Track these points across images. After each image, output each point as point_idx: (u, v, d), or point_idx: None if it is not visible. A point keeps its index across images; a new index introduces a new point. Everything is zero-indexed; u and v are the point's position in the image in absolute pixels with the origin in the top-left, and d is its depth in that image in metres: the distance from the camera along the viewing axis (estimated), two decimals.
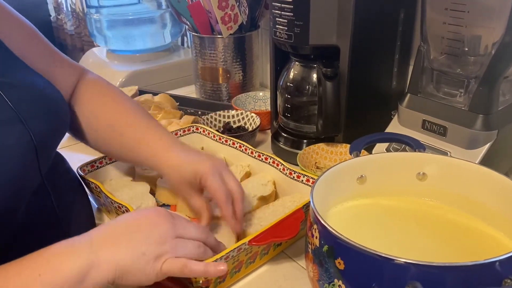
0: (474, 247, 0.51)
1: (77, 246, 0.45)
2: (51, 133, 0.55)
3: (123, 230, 0.48)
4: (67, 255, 0.44)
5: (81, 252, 0.45)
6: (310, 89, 0.86)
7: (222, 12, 1.08)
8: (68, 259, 0.44)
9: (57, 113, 0.57)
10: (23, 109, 0.50)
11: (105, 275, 0.45)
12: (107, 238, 0.47)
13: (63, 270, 0.43)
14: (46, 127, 0.53)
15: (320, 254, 0.45)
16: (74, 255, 0.44)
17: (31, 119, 0.50)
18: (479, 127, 0.69)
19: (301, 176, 0.71)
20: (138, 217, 0.51)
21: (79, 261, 0.44)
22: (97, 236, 0.47)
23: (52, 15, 2.96)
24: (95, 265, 0.44)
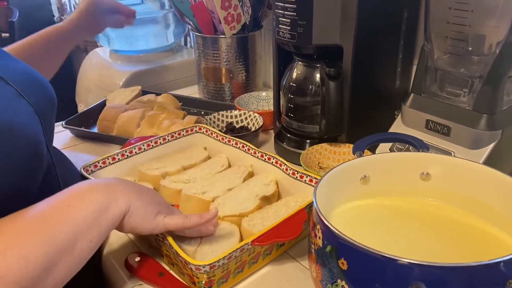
0: (478, 247, 0.51)
1: (98, 185, 0.53)
2: (46, 108, 0.61)
3: (132, 187, 0.56)
4: (91, 192, 0.51)
5: (102, 190, 0.52)
6: (313, 89, 0.86)
7: (225, 12, 1.08)
8: (92, 194, 0.51)
9: (46, 89, 0.64)
10: (22, 88, 0.56)
11: (122, 209, 0.52)
12: (119, 185, 0.55)
13: (89, 202, 0.50)
14: (42, 102, 0.59)
15: (323, 254, 0.44)
16: (97, 192, 0.51)
17: (30, 96, 0.57)
18: (483, 127, 0.69)
19: (304, 176, 0.70)
20: (143, 188, 0.59)
21: (102, 195, 0.51)
22: (113, 183, 0.55)
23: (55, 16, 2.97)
24: (114, 200, 0.52)
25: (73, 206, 0.48)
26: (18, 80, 0.57)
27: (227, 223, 0.66)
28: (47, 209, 0.47)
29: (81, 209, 0.48)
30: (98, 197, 0.51)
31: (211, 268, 0.53)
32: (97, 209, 0.50)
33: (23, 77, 0.60)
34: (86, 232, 0.48)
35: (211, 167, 0.80)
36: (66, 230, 0.46)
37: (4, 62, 0.60)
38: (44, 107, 0.59)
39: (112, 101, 1.15)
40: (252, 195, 0.70)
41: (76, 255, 0.47)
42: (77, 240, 0.47)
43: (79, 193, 0.51)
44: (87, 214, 0.48)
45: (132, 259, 0.62)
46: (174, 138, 0.86)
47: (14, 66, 0.61)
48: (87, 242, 0.48)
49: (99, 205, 0.50)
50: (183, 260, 0.54)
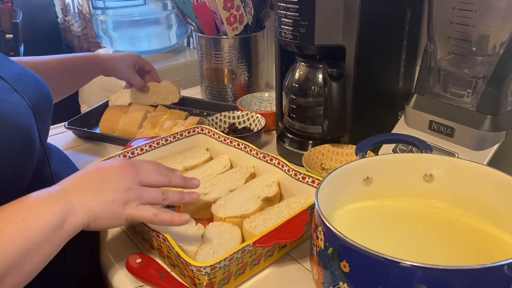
0: (481, 249, 0.50)
1: (54, 194, 0.50)
2: (40, 103, 0.61)
3: (92, 181, 0.54)
4: (47, 203, 0.49)
5: (58, 200, 0.49)
6: (315, 89, 0.86)
7: (227, 12, 1.08)
8: (48, 205, 0.48)
9: (40, 85, 0.64)
10: (16, 83, 0.57)
11: (80, 220, 0.50)
12: (78, 188, 0.52)
13: (45, 215, 0.47)
14: (36, 96, 0.60)
15: (325, 256, 0.44)
16: (53, 202, 0.49)
17: (24, 91, 0.57)
18: (487, 128, 0.68)
19: (306, 177, 0.70)
20: (104, 168, 0.56)
21: (58, 207, 0.49)
22: (69, 186, 0.52)
23: (59, 17, 2.98)
24: (71, 211, 0.49)
25: (27, 220, 0.46)
26: (13, 76, 0.59)
27: (228, 224, 0.65)
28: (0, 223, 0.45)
29: (35, 224, 0.46)
30: (56, 209, 0.48)
31: (212, 269, 0.52)
32: (52, 223, 0.48)
33: (18, 74, 0.61)
34: (40, 247, 0.46)
35: (213, 168, 0.80)
36: (19, 244, 0.45)
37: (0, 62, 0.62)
38: (38, 103, 0.60)
39: (115, 102, 1.15)
40: (254, 196, 0.70)
41: (27, 269, 0.46)
42: (29, 255, 0.46)
43: (35, 204, 0.48)
44: (41, 229, 0.47)
45: (133, 260, 0.61)
46: (176, 139, 0.86)
47: (10, 66, 0.63)
48: (38, 256, 0.47)
49: (55, 219, 0.48)
50: (184, 262, 0.53)
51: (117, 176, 0.55)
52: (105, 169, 0.56)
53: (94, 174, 0.55)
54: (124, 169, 0.56)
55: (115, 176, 0.55)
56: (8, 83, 0.57)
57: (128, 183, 0.55)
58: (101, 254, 0.68)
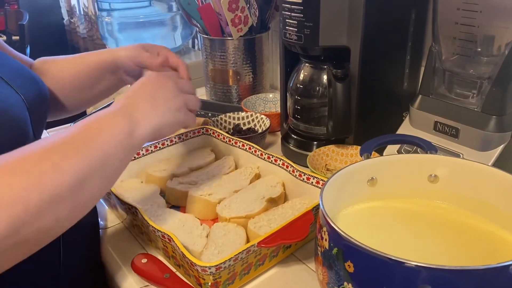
0: (486, 250, 0.50)
1: (116, 112, 0.55)
2: (36, 100, 0.62)
3: (143, 96, 0.59)
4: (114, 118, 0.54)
5: (122, 115, 0.54)
6: (320, 90, 0.86)
7: (232, 14, 1.08)
8: (116, 120, 0.53)
9: (37, 83, 0.65)
10: (10, 79, 0.58)
11: (147, 131, 0.56)
12: (135, 105, 0.57)
13: (116, 127, 0.53)
14: (31, 93, 0.61)
15: (329, 256, 0.44)
16: (119, 118, 0.54)
17: (18, 87, 0.59)
18: (492, 129, 0.68)
19: (311, 178, 0.70)
20: (149, 85, 0.61)
21: (124, 121, 0.54)
22: (126, 104, 0.57)
23: (65, 19, 3.00)
24: (137, 124, 0.55)
25: (102, 130, 0.51)
26: (8, 72, 0.59)
27: (233, 224, 0.65)
28: (77, 131, 0.50)
29: (108, 136, 0.51)
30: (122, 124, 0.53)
31: (217, 269, 0.53)
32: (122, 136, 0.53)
33: (14, 71, 0.61)
34: (115, 155, 0.51)
35: (218, 169, 0.80)
36: (100, 149, 0.49)
37: None
38: (33, 99, 0.61)
39: None
40: (259, 197, 0.70)
41: (107, 176, 0.51)
42: (107, 161, 0.50)
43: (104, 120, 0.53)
44: (114, 140, 0.51)
45: (138, 260, 0.62)
46: (181, 140, 0.86)
47: (7, 62, 0.63)
48: (115, 164, 0.52)
49: (125, 131, 0.53)
50: (189, 262, 0.54)
51: (163, 88, 0.62)
52: (148, 83, 0.61)
53: (143, 91, 0.60)
54: (164, 80, 0.63)
55: (161, 88, 0.61)
56: (3, 78, 0.57)
57: (173, 91, 0.62)
58: (106, 254, 0.68)
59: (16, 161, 0.44)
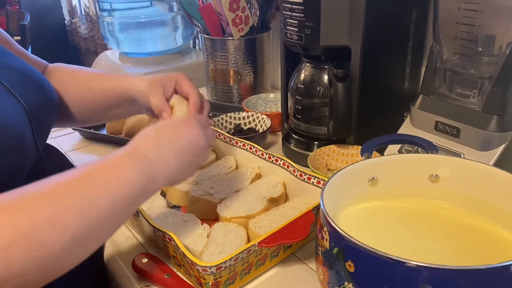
0: (487, 250, 0.50)
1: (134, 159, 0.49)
2: (41, 107, 0.59)
3: (171, 147, 0.53)
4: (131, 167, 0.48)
5: (140, 167, 0.48)
6: (321, 90, 0.86)
7: (233, 14, 1.08)
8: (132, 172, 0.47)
9: (43, 89, 0.62)
10: (14, 85, 0.56)
11: (161, 186, 0.52)
12: (160, 156, 0.51)
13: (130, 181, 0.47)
14: (36, 101, 0.58)
15: (330, 256, 0.44)
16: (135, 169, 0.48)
17: (22, 94, 0.56)
18: (493, 129, 0.68)
19: (312, 178, 0.70)
20: (182, 132, 0.55)
21: (141, 176, 0.48)
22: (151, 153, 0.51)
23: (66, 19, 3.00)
24: (154, 179, 0.50)
25: (113, 182, 0.45)
26: (12, 78, 0.57)
27: (234, 224, 0.65)
28: (82, 178, 0.44)
29: (120, 187, 0.46)
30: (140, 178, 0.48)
31: (218, 269, 0.53)
32: (136, 191, 0.47)
33: (19, 75, 0.59)
34: (122, 209, 0.46)
35: (219, 169, 0.80)
36: (104, 206, 0.43)
37: (2, 59, 0.60)
38: (38, 106, 0.58)
39: None
40: (260, 197, 0.70)
41: (108, 230, 0.45)
42: (113, 216, 0.45)
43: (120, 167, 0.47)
44: (126, 193, 0.46)
45: (139, 260, 0.62)
46: None
47: (12, 64, 0.60)
48: (121, 217, 0.47)
49: (139, 187, 0.47)
50: (190, 261, 0.54)
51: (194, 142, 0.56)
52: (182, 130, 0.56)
53: (173, 138, 0.54)
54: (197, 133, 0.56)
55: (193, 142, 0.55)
56: (5, 85, 0.55)
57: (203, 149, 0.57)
58: (107, 254, 0.68)
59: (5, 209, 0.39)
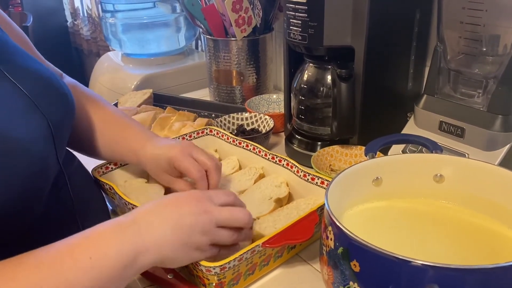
0: (492, 249, 0.50)
1: (125, 229, 0.47)
2: (63, 119, 0.57)
3: (167, 218, 0.49)
4: (116, 239, 0.45)
5: (129, 237, 0.46)
6: (324, 90, 0.86)
7: (236, 14, 1.08)
8: (117, 244, 0.45)
9: (66, 99, 0.59)
10: (37, 97, 0.53)
11: (150, 261, 0.47)
12: (153, 224, 0.48)
13: (113, 256, 0.44)
14: (59, 113, 0.55)
15: (335, 256, 0.44)
16: (123, 240, 0.45)
17: (46, 106, 0.53)
18: (498, 128, 0.67)
19: (316, 178, 0.70)
20: (184, 203, 0.51)
21: (130, 246, 0.45)
22: (143, 220, 0.48)
23: (69, 21, 3.01)
24: (143, 252, 0.46)
25: (95, 260, 0.43)
26: (34, 88, 0.53)
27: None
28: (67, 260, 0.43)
29: (104, 264, 0.43)
30: (124, 248, 0.45)
31: (222, 269, 0.52)
32: (122, 264, 0.44)
33: (41, 84, 0.55)
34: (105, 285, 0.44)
35: (222, 169, 0.80)
36: (85, 285, 0.42)
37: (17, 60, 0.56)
38: (61, 120, 0.56)
39: (124, 104, 1.16)
40: (266, 198, 0.70)
41: None
42: None
43: (105, 240, 0.45)
44: (109, 269, 0.44)
45: None
46: (185, 140, 0.86)
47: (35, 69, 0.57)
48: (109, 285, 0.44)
49: (125, 259, 0.45)
50: (194, 262, 0.53)
51: (195, 214, 0.50)
52: (185, 201, 0.52)
53: (172, 208, 0.51)
54: (204, 205, 0.52)
55: (194, 214, 0.50)
56: (30, 98, 0.52)
57: (204, 226, 0.51)
58: None
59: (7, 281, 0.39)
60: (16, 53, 0.57)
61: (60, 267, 0.42)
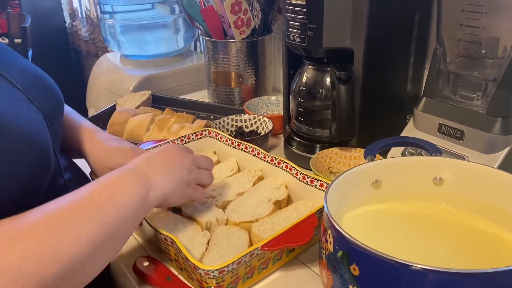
0: (492, 253, 0.50)
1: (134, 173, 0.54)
2: (55, 112, 0.60)
3: (160, 161, 0.59)
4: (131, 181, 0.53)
5: (138, 179, 0.54)
6: (323, 92, 0.85)
7: (235, 16, 1.08)
8: (132, 183, 0.53)
9: (55, 93, 0.62)
10: (30, 91, 0.55)
11: (158, 196, 0.55)
12: (152, 168, 0.57)
13: (131, 192, 0.52)
14: (50, 106, 0.58)
15: (334, 259, 0.44)
16: (136, 181, 0.53)
17: (39, 100, 0.56)
18: (497, 131, 0.67)
19: (315, 180, 0.70)
20: (167, 150, 0.62)
21: (141, 185, 0.53)
22: (143, 166, 0.56)
23: (67, 22, 3.00)
24: (151, 187, 0.54)
25: (117, 196, 0.50)
26: (26, 82, 0.56)
27: (236, 228, 0.65)
28: (94, 193, 0.49)
29: (125, 199, 0.51)
30: (138, 188, 0.53)
31: (220, 273, 0.52)
32: (138, 199, 0.52)
33: (31, 79, 0.58)
34: (128, 219, 0.50)
35: (221, 171, 0.80)
36: (113, 215, 0.48)
37: (8, 58, 0.58)
38: (52, 111, 0.58)
39: (122, 105, 1.15)
40: (265, 200, 0.70)
41: (120, 239, 0.50)
42: (121, 226, 0.49)
43: (121, 183, 0.52)
44: (130, 202, 0.51)
45: (140, 263, 0.61)
46: (184, 142, 0.86)
47: (24, 65, 0.59)
48: (128, 228, 0.51)
49: (140, 196, 0.52)
50: (192, 265, 0.53)
51: (180, 158, 0.61)
52: (167, 151, 0.61)
53: (161, 156, 0.60)
54: (183, 153, 0.63)
55: (179, 158, 0.61)
56: (24, 92, 0.54)
57: (189, 165, 0.62)
58: None
59: (30, 228, 0.42)
60: (5, 52, 0.59)
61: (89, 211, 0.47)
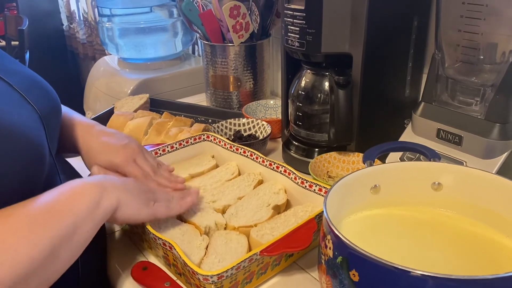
0: (490, 259, 0.50)
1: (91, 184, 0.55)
2: (50, 113, 0.61)
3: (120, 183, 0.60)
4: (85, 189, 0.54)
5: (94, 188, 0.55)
6: (322, 97, 0.85)
7: (233, 20, 1.08)
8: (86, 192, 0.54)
9: (50, 95, 0.64)
10: (26, 92, 0.57)
11: (112, 204, 0.55)
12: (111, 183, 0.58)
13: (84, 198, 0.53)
14: (46, 107, 0.60)
15: (333, 265, 0.44)
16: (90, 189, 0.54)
17: (34, 100, 0.58)
18: (496, 137, 0.68)
19: (313, 185, 0.70)
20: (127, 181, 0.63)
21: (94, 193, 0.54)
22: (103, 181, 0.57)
23: (64, 24, 3.00)
24: (105, 197, 0.55)
25: (72, 201, 0.52)
26: (23, 84, 0.58)
27: (235, 233, 0.65)
28: (51, 201, 0.51)
29: (78, 204, 0.52)
30: (91, 194, 0.54)
31: (219, 278, 0.52)
32: (91, 205, 0.53)
33: (28, 81, 0.60)
34: (83, 224, 0.51)
35: (221, 175, 0.80)
36: (68, 220, 0.50)
37: (5, 63, 0.60)
38: (48, 113, 0.60)
39: (120, 108, 1.15)
40: (264, 204, 0.70)
41: (75, 244, 0.51)
42: (76, 230, 0.51)
43: (75, 189, 0.54)
44: (83, 208, 0.52)
45: (138, 268, 0.61)
46: (182, 146, 0.86)
47: (22, 72, 0.61)
48: (83, 232, 0.52)
49: (93, 201, 0.53)
50: (191, 270, 0.53)
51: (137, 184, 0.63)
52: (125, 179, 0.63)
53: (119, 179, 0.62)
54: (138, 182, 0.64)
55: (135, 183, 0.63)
56: (19, 92, 0.56)
57: (145, 187, 0.63)
58: (107, 262, 0.67)
59: None
60: (1, 56, 0.61)
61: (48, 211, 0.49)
